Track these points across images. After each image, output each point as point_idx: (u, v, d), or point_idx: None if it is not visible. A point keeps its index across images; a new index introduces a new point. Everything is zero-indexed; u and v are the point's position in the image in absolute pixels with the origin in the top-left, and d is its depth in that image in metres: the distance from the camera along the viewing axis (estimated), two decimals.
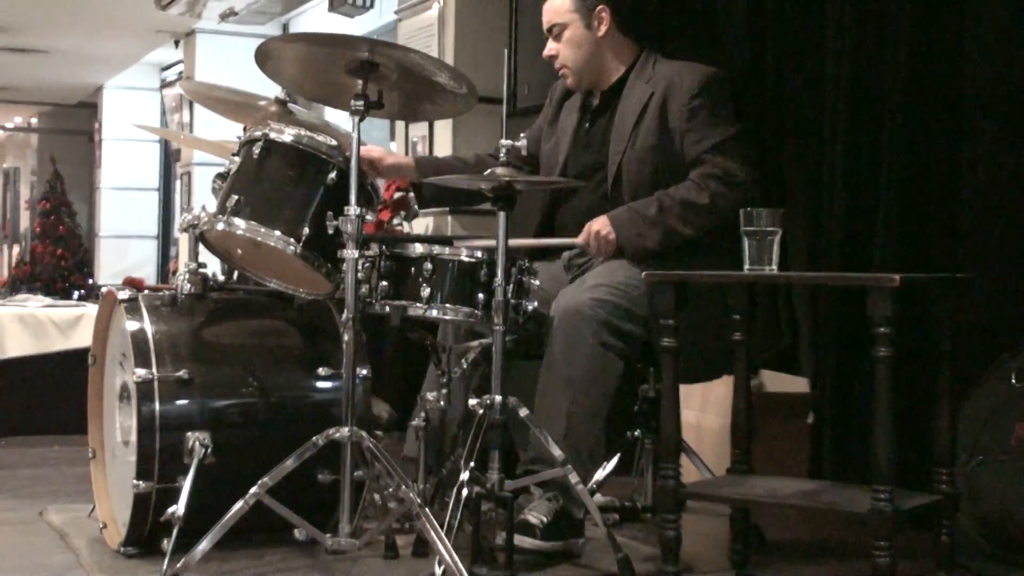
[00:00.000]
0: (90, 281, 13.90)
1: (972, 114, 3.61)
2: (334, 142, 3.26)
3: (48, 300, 6.17)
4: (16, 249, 17.87)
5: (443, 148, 5.73)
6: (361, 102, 3.01)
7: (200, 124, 10.01)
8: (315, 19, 8.69)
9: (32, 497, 4.05)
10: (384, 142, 7.26)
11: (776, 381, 4.32)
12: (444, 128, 5.75)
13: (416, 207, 4.23)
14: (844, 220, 4.02)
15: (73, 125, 15.93)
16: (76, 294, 12.73)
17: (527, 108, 5.02)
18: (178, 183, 11.53)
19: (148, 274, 13.31)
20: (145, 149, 13.69)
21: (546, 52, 3.72)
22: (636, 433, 3.78)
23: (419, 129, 6.03)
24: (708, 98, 3.52)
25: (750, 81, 4.35)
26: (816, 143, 4.12)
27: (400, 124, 6.34)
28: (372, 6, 7.00)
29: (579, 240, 3.49)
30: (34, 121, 17.19)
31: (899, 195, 3.80)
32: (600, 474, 3.61)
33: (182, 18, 8.75)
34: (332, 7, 7.03)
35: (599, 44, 3.66)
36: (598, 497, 3.63)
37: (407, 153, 6.09)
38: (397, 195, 5.46)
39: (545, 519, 3.25)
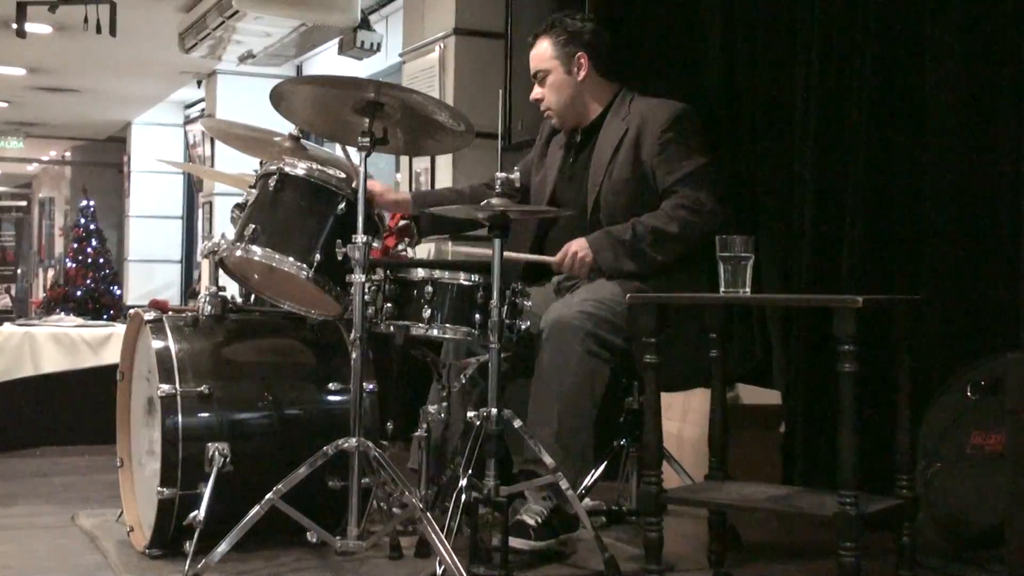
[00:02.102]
0: (119, 302, 13.92)
1: (933, 143, 3.62)
2: (343, 175, 3.27)
3: (80, 320, 6.16)
4: (51, 273, 17.86)
5: (444, 179, 5.74)
6: (367, 139, 3.02)
7: (220, 158, 10.04)
8: (326, 61, 8.71)
9: (65, 503, 4.04)
10: (390, 173, 7.28)
11: (750, 394, 4.32)
12: (445, 161, 5.76)
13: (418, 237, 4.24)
14: (813, 243, 4.03)
15: (104, 158, 15.97)
16: (106, 315, 12.72)
17: (520, 143, 5.04)
18: (200, 212, 11.55)
19: (172, 295, 13.33)
20: (170, 180, 13.73)
21: (532, 96, 3.77)
22: (621, 442, 3.79)
23: (422, 162, 6.04)
24: (678, 132, 3.54)
25: (724, 114, 4.37)
26: (787, 171, 4.13)
27: (404, 157, 6.35)
28: (379, 50, 7.01)
29: (556, 259, 3.52)
30: (68, 155, 17.22)
31: (865, 219, 3.80)
32: (588, 480, 3.61)
33: (204, 60, 8.76)
34: (342, 50, 7.04)
35: (579, 87, 3.69)
36: (587, 501, 3.63)
37: (411, 183, 6.11)
38: (402, 223, 5.46)
39: (539, 519, 3.26)
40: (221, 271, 3.35)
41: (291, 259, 3.13)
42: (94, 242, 15.09)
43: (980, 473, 3.17)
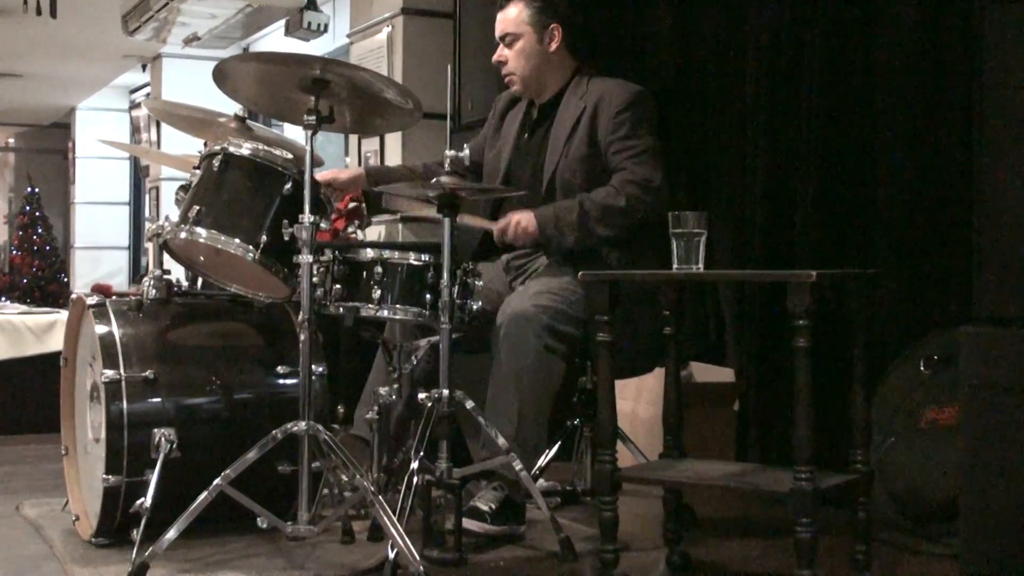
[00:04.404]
0: (66, 289, 13.74)
1: (883, 118, 3.62)
2: (290, 155, 3.21)
3: (23, 307, 6.04)
4: None
5: (393, 160, 5.68)
6: (313, 117, 2.96)
7: (167, 142, 9.89)
8: (273, 43, 8.61)
9: (10, 492, 3.97)
10: (340, 155, 7.21)
11: (704, 372, 4.32)
12: (394, 141, 5.71)
13: (368, 216, 4.19)
14: (766, 220, 4.03)
15: (48, 144, 15.72)
16: (53, 303, 12.56)
17: (471, 123, 5.01)
18: (147, 197, 11.40)
19: (120, 282, 13.17)
20: (116, 166, 13.55)
21: (495, 57, 3.69)
22: (575, 422, 3.77)
23: (371, 144, 5.98)
24: (632, 113, 3.51)
25: (676, 94, 4.35)
26: (738, 149, 4.13)
27: (354, 139, 6.28)
28: (326, 31, 6.93)
29: (498, 225, 3.47)
30: (11, 141, 16.94)
31: (816, 196, 3.81)
32: (542, 460, 3.58)
33: (149, 43, 8.63)
34: (288, 31, 6.96)
35: (547, 58, 3.64)
36: (541, 482, 3.61)
37: (359, 165, 6.04)
38: (351, 205, 5.41)
39: (492, 506, 3.23)
40: (167, 255, 3.29)
41: (237, 241, 3.06)
42: (39, 229, 14.90)
43: (934, 447, 3.18)
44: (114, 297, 3.30)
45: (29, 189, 14.96)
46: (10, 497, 3.85)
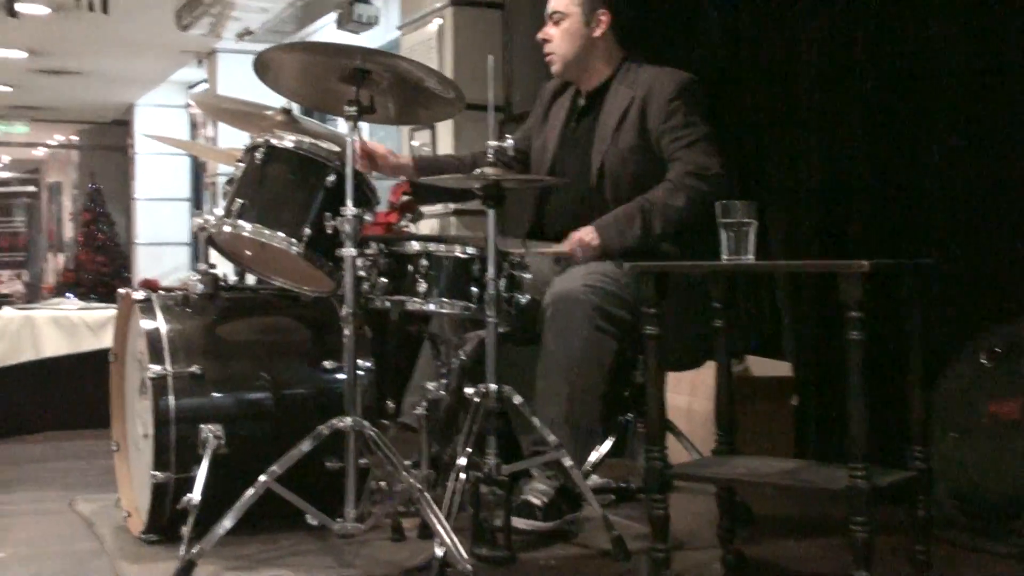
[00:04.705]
0: (129, 286, 13.86)
1: (940, 103, 3.53)
2: (334, 147, 3.18)
3: (81, 303, 6.08)
4: (61, 258, 17.86)
5: (445, 150, 5.64)
6: (354, 108, 2.93)
7: (224, 137, 9.92)
8: (326, 37, 8.58)
9: (64, 488, 3.99)
10: (396, 149, 7.18)
11: (761, 366, 4.24)
12: (446, 134, 5.66)
13: (417, 207, 4.14)
14: (820, 210, 3.95)
15: (109, 141, 15.89)
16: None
17: (522, 114, 4.95)
18: (207, 193, 11.47)
19: (182, 278, 13.25)
20: (176, 162, 13.64)
21: (540, 34, 3.66)
22: (628, 417, 3.71)
23: (423, 136, 5.95)
24: (684, 100, 3.46)
25: (728, 81, 4.27)
26: (791, 138, 4.04)
27: (406, 134, 6.25)
28: (376, 23, 6.91)
29: (565, 247, 3.42)
30: (74, 138, 17.16)
31: (871, 184, 3.72)
32: (595, 456, 3.53)
33: (204, 39, 8.66)
34: (340, 24, 6.95)
35: (592, 43, 3.59)
36: (594, 478, 3.56)
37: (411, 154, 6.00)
38: (404, 198, 5.39)
39: (545, 499, 3.18)
40: (212, 249, 3.27)
41: (281, 234, 3.03)
42: (103, 226, 15.09)
43: (997, 442, 3.08)
44: (161, 292, 3.29)
45: (92, 186, 15.13)
46: (65, 493, 3.86)
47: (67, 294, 12.19)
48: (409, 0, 6.15)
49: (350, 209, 2.90)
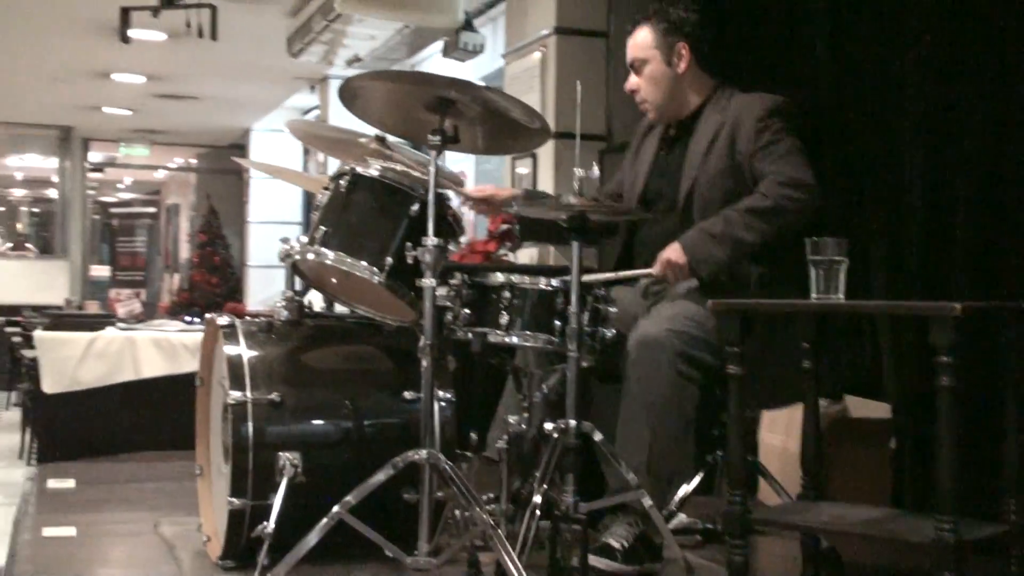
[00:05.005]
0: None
1: None
2: (420, 176, 3.16)
3: (182, 324, 6.17)
4: (176, 278, 18.22)
5: (545, 179, 5.61)
6: (438, 137, 2.92)
7: (335, 164, 10.01)
8: (434, 65, 8.63)
9: (151, 509, 4.03)
10: (497, 175, 7.18)
11: (860, 406, 4.10)
12: (546, 163, 5.63)
13: (520, 240, 4.10)
14: (924, 251, 3.81)
15: (226, 165, 16.17)
16: None
17: (625, 143, 4.90)
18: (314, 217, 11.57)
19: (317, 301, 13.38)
20: (288, 186, 13.81)
21: (627, 86, 3.62)
22: (717, 455, 3.62)
23: (525, 166, 5.92)
24: (774, 120, 3.38)
25: (830, 115, 4.17)
26: (894, 175, 3.92)
27: (509, 163, 6.24)
28: (482, 51, 6.90)
29: (655, 271, 3.34)
30: (193, 161, 17.53)
31: (977, 225, 3.58)
32: (683, 491, 3.44)
33: (316, 65, 8.76)
34: (446, 52, 6.96)
35: (678, 80, 3.53)
36: (681, 518, 3.47)
37: (512, 183, 5.99)
38: (503, 227, 5.37)
39: (625, 543, 3.11)
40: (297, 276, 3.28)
41: (363, 263, 3.03)
42: (218, 248, 15.35)
43: None
44: (246, 318, 3.30)
45: (209, 208, 15.41)
46: (151, 514, 3.91)
47: (185, 316, 12.44)
48: (514, 28, 6.14)
49: (431, 239, 2.88)
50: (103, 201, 20.56)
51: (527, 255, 5.55)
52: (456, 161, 8.85)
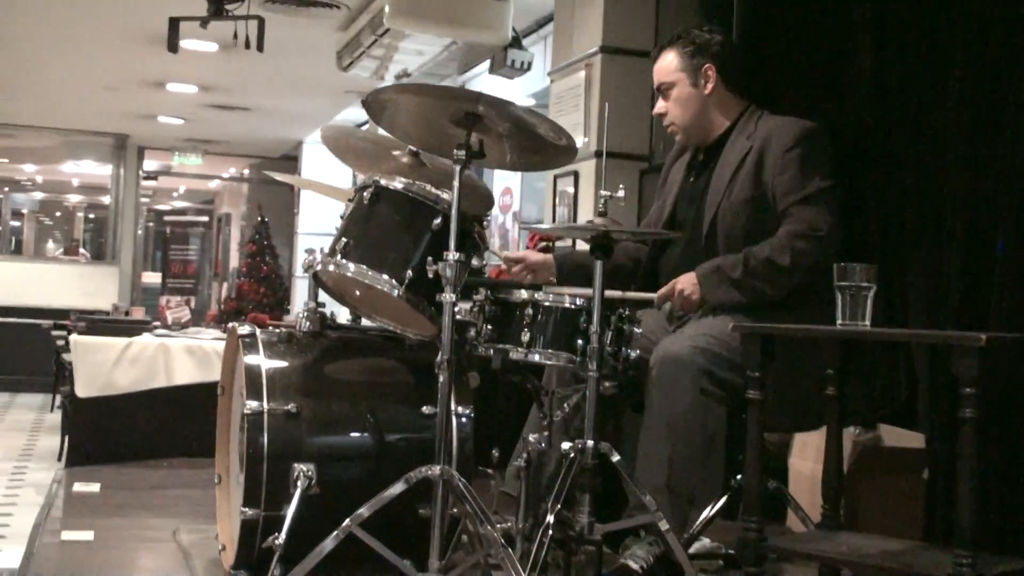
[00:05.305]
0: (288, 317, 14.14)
1: None
2: (444, 191, 3.13)
3: (216, 332, 6.19)
4: (225, 286, 18.34)
5: (586, 198, 5.57)
6: (463, 152, 2.89)
7: None
8: (483, 82, 8.63)
9: (173, 516, 4.04)
10: (541, 189, 7.15)
11: (893, 435, 4.02)
12: (587, 181, 5.60)
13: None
14: (964, 276, 3.73)
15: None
16: None
17: (659, 164, 4.87)
18: None
19: (343, 313, 13.43)
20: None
21: (655, 110, 3.60)
22: (740, 479, 3.56)
23: (567, 184, 5.89)
24: (801, 151, 3.33)
25: (874, 134, 4.10)
26: (936, 200, 3.84)
27: (550, 181, 6.21)
28: (529, 68, 6.89)
29: (658, 295, 3.31)
30: (245, 172, 17.66)
31: (1017, 255, 3.50)
32: (705, 514, 3.38)
33: (366, 79, 8.78)
34: (492, 69, 6.95)
35: (705, 102, 3.49)
36: (705, 541, 3.41)
37: (554, 204, 5.96)
38: (542, 244, 5.34)
39: (644, 564, 3.06)
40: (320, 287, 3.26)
41: (384, 276, 3.01)
42: (267, 258, 15.42)
43: None
44: (268, 328, 3.29)
45: (259, 219, 15.51)
46: (172, 521, 3.91)
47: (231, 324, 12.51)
48: (560, 46, 6.12)
49: (452, 254, 2.85)
50: (158, 209, 20.75)
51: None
52: (504, 178, 8.85)
